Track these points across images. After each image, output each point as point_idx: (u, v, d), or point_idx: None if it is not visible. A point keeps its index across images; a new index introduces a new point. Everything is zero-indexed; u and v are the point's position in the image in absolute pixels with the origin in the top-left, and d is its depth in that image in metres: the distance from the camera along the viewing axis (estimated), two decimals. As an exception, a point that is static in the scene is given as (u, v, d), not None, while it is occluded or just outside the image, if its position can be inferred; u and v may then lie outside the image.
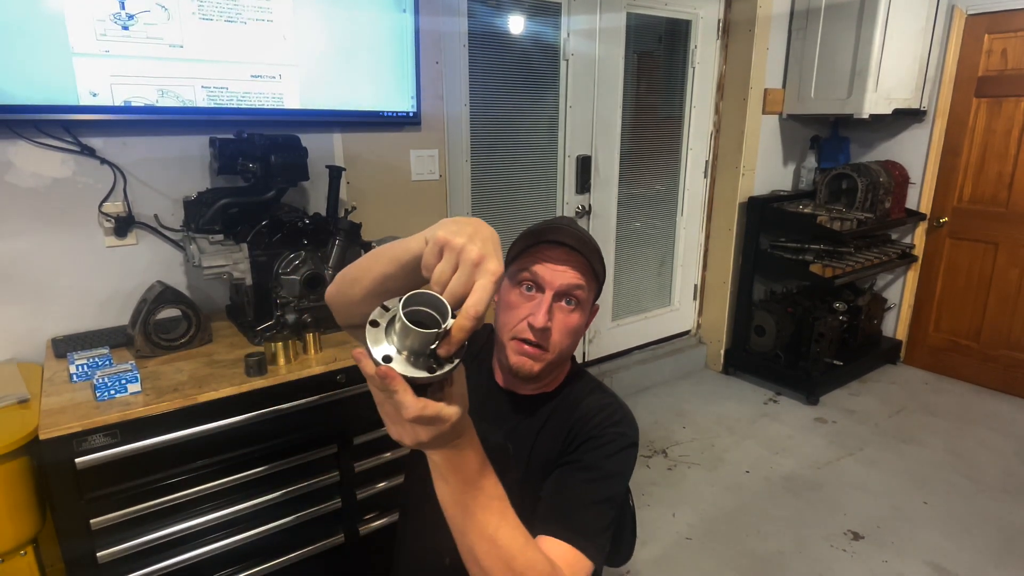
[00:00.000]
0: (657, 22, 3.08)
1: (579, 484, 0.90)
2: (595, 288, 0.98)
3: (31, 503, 1.31)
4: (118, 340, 1.61)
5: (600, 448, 0.93)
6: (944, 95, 3.31)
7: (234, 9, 1.71)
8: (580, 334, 0.98)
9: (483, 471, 0.72)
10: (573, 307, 0.94)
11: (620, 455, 0.94)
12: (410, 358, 0.59)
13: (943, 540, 2.21)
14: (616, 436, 0.94)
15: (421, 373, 0.58)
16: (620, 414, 0.98)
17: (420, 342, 0.58)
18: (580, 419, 0.96)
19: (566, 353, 0.97)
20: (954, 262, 3.46)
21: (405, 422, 0.62)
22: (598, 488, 0.90)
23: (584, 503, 0.88)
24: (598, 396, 1.01)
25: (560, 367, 1.02)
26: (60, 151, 1.63)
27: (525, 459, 0.99)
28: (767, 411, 3.16)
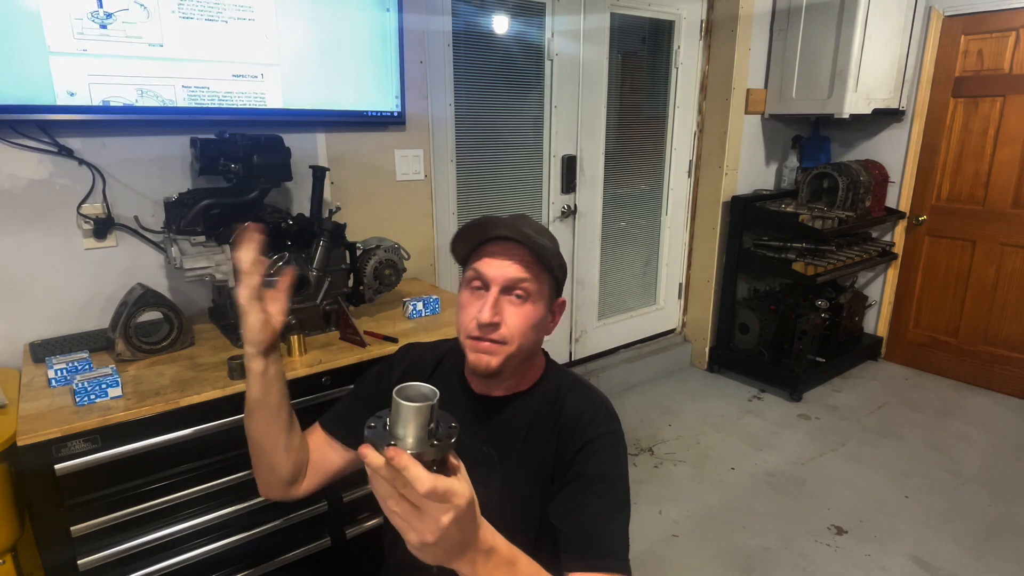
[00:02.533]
0: (641, 23, 3.09)
1: (590, 503, 0.89)
2: (547, 279, 0.96)
3: (9, 511, 1.28)
4: (98, 344, 1.59)
5: (596, 454, 0.92)
6: (922, 95, 3.36)
7: (215, 8, 1.69)
8: (539, 327, 0.96)
9: (512, 557, 0.72)
10: (523, 299, 0.93)
11: (616, 454, 0.94)
12: (411, 443, 0.61)
13: (925, 533, 2.25)
14: (607, 436, 0.94)
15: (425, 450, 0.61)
16: (604, 410, 0.98)
17: (418, 420, 0.61)
18: (568, 421, 0.96)
19: (527, 347, 0.95)
20: (933, 259, 3.51)
21: (426, 519, 0.61)
22: (608, 499, 0.90)
23: (601, 523, 0.88)
24: (579, 392, 1.00)
25: (527, 363, 1.00)
26: (37, 152, 1.60)
27: (512, 463, 0.98)
28: (751, 408, 3.19)
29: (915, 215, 3.52)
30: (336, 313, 1.73)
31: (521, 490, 0.96)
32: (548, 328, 0.99)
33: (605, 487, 0.91)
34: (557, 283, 0.98)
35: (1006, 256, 3.24)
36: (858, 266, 3.36)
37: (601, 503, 0.90)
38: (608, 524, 0.88)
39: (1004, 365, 3.32)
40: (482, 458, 0.99)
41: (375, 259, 1.80)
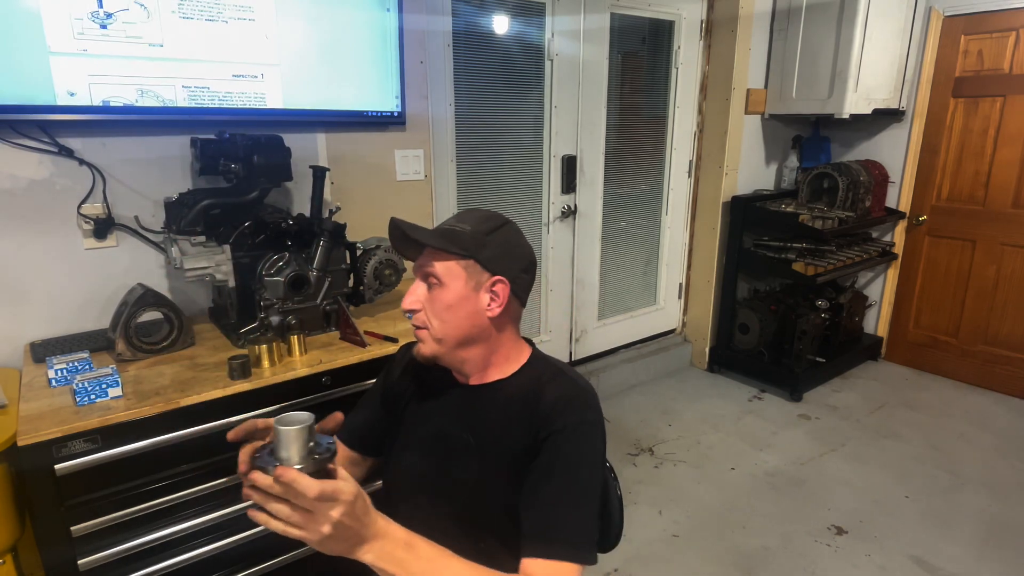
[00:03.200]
0: (641, 23, 3.09)
1: (551, 492, 0.91)
2: (454, 260, 0.96)
3: (10, 511, 1.29)
4: (98, 344, 1.59)
5: (565, 443, 0.93)
6: (922, 95, 3.36)
7: (215, 8, 1.69)
8: (458, 309, 0.97)
9: (410, 540, 0.80)
10: (435, 284, 0.98)
11: (585, 444, 0.94)
12: (295, 460, 0.71)
13: (925, 533, 2.25)
14: (578, 426, 0.94)
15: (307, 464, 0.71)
16: (580, 399, 0.97)
17: (298, 441, 0.71)
18: (544, 412, 0.96)
19: (452, 330, 0.98)
20: (933, 259, 3.51)
21: (319, 517, 0.70)
22: (572, 489, 0.91)
23: (560, 511, 0.89)
24: (559, 382, 1.00)
25: (482, 350, 1.01)
26: (37, 152, 1.60)
27: (489, 450, 1.00)
28: (752, 408, 3.19)
29: (915, 215, 3.52)
30: (336, 313, 1.73)
31: (497, 477, 0.98)
32: (480, 310, 0.98)
33: (570, 476, 0.91)
34: (478, 262, 0.97)
35: (1006, 256, 3.24)
36: (858, 266, 3.36)
37: (562, 492, 0.90)
38: (568, 513, 0.89)
39: (1004, 365, 3.32)
40: (461, 445, 1.02)
41: (375, 259, 1.80)
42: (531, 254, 1.04)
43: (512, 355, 1.05)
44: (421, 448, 1.06)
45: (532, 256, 1.04)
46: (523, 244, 1.04)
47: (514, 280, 1.00)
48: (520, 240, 1.04)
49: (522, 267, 1.02)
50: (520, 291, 1.02)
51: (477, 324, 0.99)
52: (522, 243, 1.03)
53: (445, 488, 1.02)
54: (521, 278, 1.01)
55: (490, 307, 0.98)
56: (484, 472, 0.99)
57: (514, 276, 1.00)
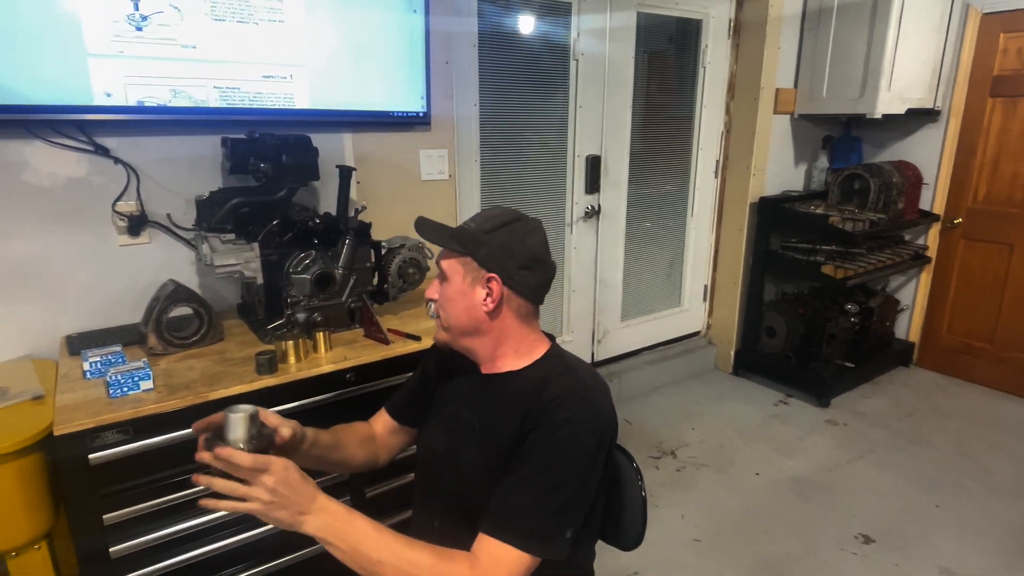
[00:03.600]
0: (668, 22, 3.07)
1: (523, 478, 0.93)
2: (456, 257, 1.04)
3: (45, 499, 1.33)
4: (131, 338, 1.63)
5: (544, 437, 0.94)
6: (958, 95, 3.27)
7: (246, 10, 1.72)
8: (459, 302, 1.04)
9: (350, 516, 0.89)
10: (444, 279, 1.06)
11: (570, 440, 0.94)
12: (233, 441, 0.87)
13: (955, 544, 2.19)
14: (563, 423, 0.95)
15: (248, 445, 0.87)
16: (575, 398, 0.97)
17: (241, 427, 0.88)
18: (539, 405, 0.98)
19: (455, 321, 1.05)
20: (968, 263, 3.42)
21: (256, 486, 0.84)
22: (543, 478, 0.92)
23: (524, 497, 0.92)
24: (565, 380, 1.01)
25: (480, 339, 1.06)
26: (75, 151, 1.65)
27: (488, 437, 1.04)
28: (777, 413, 3.15)
29: (950, 218, 3.43)
30: (361, 311, 1.75)
31: (491, 463, 1.01)
32: (476, 304, 1.03)
33: (545, 468, 0.93)
34: (475, 259, 1.02)
35: (1046, 261, 3.14)
36: (889, 269, 3.28)
37: (533, 480, 0.92)
38: (532, 501, 0.91)
39: (1042, 373, 3.22)
40: (466, 428, 1.08)
41: (399, 258, 1.82)
42: (535, 251, 1.04)
43: (524, 349, 1.07)
44: (438, 427, 1.14)
45: (537, 253, 1.05)
46: (527, 242, 1.04)
47: (510, 277, 1.02)
48: (525, 238, 1.04)
49: (521, 264, 1.03)
50: (520, 287, 1.03)
51: (474, 317, 1.04)
52: (526, 241, 1.04)
53: (447, 467, 1.09)
54: (520, 275, 1.03)
55: (485, 302, 1.02)
56: (480, 458, 1.03)
57: (510, 273, 1.02)
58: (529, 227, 1.05)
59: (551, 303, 3.03)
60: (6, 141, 1.56)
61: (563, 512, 0.93)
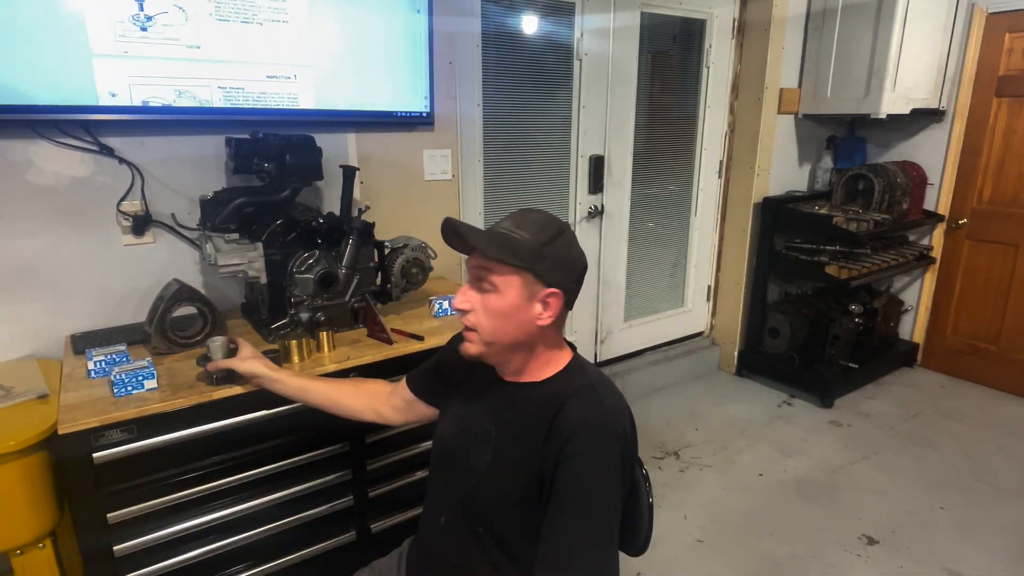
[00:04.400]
0: (671, 21, 3.06)
1: (566, 523, 0.92)
2: (511, 269, 0.98)
3: (49, 497, 1.33)
4: (135, 337, 1.64)
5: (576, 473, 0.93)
6: (963, 94, 3.26)
7: (250, 10, 1.73)
8: (510, 317, 0.99)
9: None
10: (490, 291, 1.00)
11: (595, 475, 0.94)
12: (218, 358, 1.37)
13: (960, 546, 2.18)
14: (590, 455, 0.94)
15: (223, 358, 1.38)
16: (595, 424, 0.96)
17: (221, 349, 1.37)
18: (559, 429, 0.96)
19: (499, 335, 1.01)
20: (973, 264, 3.41)
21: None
22: (583, 521, 0.92)
23: (572, 545, 0.91)
24: (584, 398, 0.99)
25: (524, 353, 1.04)
26: (80, 151, 1.65)
27: (504, 445, 1.03)
28: (781, 413, 3.14)
29: (955, 218, 3.42)
30: (364, 310, 1.75)
31: (505, 472, 1.01)
32: (532, 319, 1.00)
33: (582, 509, 0.92)
34: (535, 274, 0.98)
35: (1051, 261, 3.12)
36: (894, 270, 3.27)
37: (576, 525, 0.92)
38: (582, 549, 0.91)
39: (1048, 374, 3.20)
40: (482, 433, 1.08)
41: (403, 258, 1.82)
42: (584, 262, 1.05)
43: (551, 359, 1.06)
44: (454, 426, 1.13)
45: (585, 264, 1.05)
46: (577, 253, 1.04)
47: (567, 291, 1.01)
48: (575, 249, 1.04)
49: (575, 277, 1.03)
50: (572, 299, 1.03)
51: (527, 332, 1.01)
52: (576, 252, 1.04)
53: (460, 469, 1.08)
54: (573, 288, 1.03)
55: (542, 316, 1.00)
56: (494, 465, 1.03)
57: (568, 287, 1.01)
58: (573, 236, 1.05)
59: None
60: (11, 141, 1.56)
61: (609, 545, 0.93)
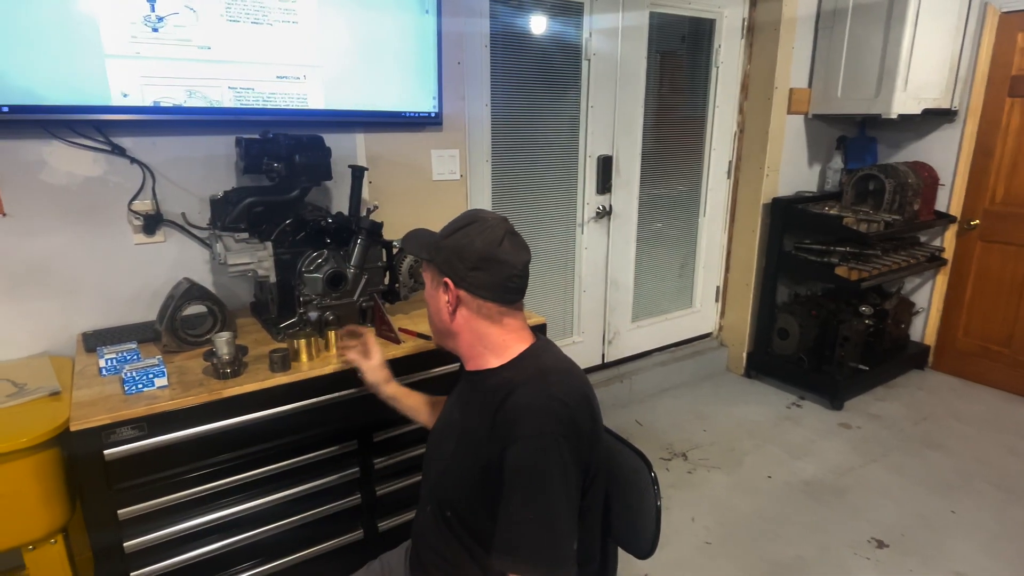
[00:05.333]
0: (680, 21, 3.05)
1: (514, 509, 0.95)
2: (424, 263, 1.12)
3: (61, 493, 1.35)
4: (146, 335, 1.65)
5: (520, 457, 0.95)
6: (976, 95, 3.23)
7: (260, 11, 1.74)
8: (431, 307, 1.13)
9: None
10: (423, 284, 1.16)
11: (542, 456, 0.95)
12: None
13: (971, 550, 2.16)
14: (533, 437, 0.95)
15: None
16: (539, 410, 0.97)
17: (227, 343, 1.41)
18: (503, 417, 0.99)
19: (434, 326, 1.15)
20: (985, 265, 3.37)
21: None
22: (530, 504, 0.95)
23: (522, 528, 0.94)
24: (529, 389, 1.00)
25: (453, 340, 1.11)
26: (92, 151, 1.67)
27: (463, 432, 1.10)
28: (790, 415, 3.12)
29: (966, 219, 3.38)
30: (372, 309, 1.76)
31: (464, 458, 1.07)
32: (440, 307, 1.10)
33: (529, 493, 0.95)
34: (435, 265, 1.09)
35: (1065, 263, 3.09)
36: (905, 271, 3.25)
37: (523, 508, 0.95)
38: (525, 531, 0.94)
39: (1061, 377, 3.16)
40: (451, 421, 1.16)
41: (410, 257, 1.83)
42: (485, 250, 1.04)
43: (499, 348, 1.09)
44: (440, 417, 1.24)
45: (487, 252, 1.04)
46: (476, 243, 1.04)
47: (462, 279, 1.05)
48: (475, 239, 1.04)
49: (470, 265, 1.04)
50: (475, 288, 1.05)
51: (442, 319, 1.10)
52: (475, 242, 1.04)
53: (434, 457, 1.18)
54: (472, 276, 1.04)
55: (447, 305, 1.08)
56: (456, 452, 1.09)
57: (461, 275, 1.05)
58: (484, 227, 1.06)
59: (561, 303, 3.03)
60: (25, 141, 1.58)
61: (558, 528, 0.94)
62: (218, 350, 1.40)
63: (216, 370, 1.40)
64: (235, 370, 1.42)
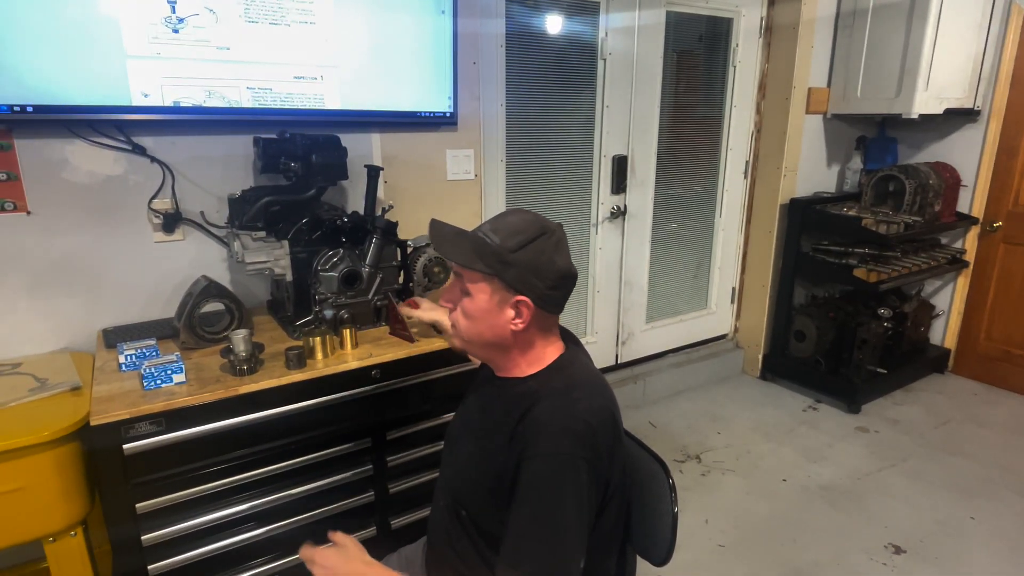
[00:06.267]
0: (697, 20, 3.03)
1: (522, 522, 0.93)
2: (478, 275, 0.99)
3: (81, 486, 1.37)
4: (165, 332, 1.67)
5: (535, 472, 0.93)
6: (1000, 94, 3.17)
7: (278, 12, 1.76)
8: (481, 320, 1.01)
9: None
10: (466, 294, 1.02)
11: (556, 476, 0.93)
12: None
13: (991, 557, 2.12)
14: (549, 456, 0.93)
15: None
16: (559, 428, 0.95)
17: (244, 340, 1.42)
18: (523, 429, 0.97)
19: (474, 335, 1.04)
20: (1008, 268, 3.31)
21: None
22: (538, 520, 0.92)
23: (528, 543, 0.92)
24: (552, 402, 0.98)
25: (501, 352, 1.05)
26: (113, 150, 1.70)
27: (481, 438, 1.08)
28: (806, 419, 3.09)
29: (989, 221, 3.32)
30: (387, 308, 1.77)
31: (479, 462, 1.05)
32: (504, 324, 1.01)
33: (538, 509, 0.93)
34: (503, 280, 0.98)
35: (1091, 266, 3.02)
36: (925, 274, 3.20)
37: (530, 523, 0.93)
38: (534, 546, 0.92)
39: (1086, 383, 3.10)
40: (470, 422, 1.14)
41: (425, 257, 1.83)
42: (563, 268, 1.01)
43: (537, 357, 1.06)
44: (457, 415, 1.20)
45: (565, 270, 1.01)
46: (554, 259, 1.00)
47: (540, 298, 1.00)
48: (552, 255, 1.00)
49: (550, 285, 1.00)
50: (549, 305, 1.02)
51: (500, 335, 1.02)
52: (554, 259, 1.00)
53: (451, 455, 1.17)
54: (549, 295, 1.00)
55: (514, 322, 1.00)
56: (472, 455, 1.07)
57: (540, 294, 0.99)
58: (554, 240, 1.01)
59: (575, 304, 3.02)
60: (49, 140, 1.61)
61: (564, 547, 0.92)
62: (235, 347, 1.41)
63: (233, 367, 1.42)
64: (251, 367, 1.43)
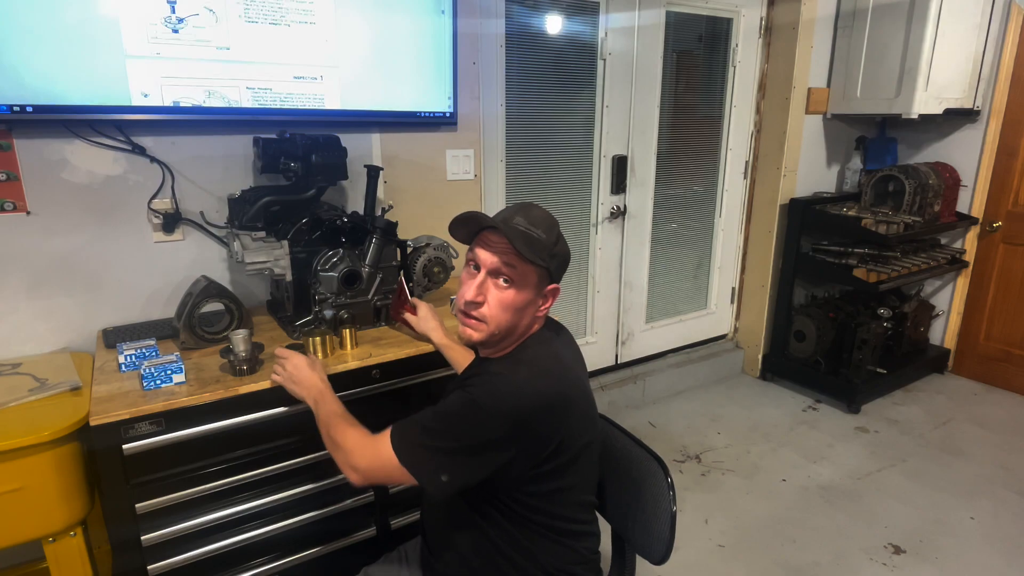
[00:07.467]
0: (697, 20, 3.03)
1: (425, 412, 1.06)
2: (533, 268, 1.04)
3: (81, 486, 1.37)
4: (164, 332, 1.67)
5: (458, 397, 1.03)
6: (999, 94, 3.17)
7: (278, 12, 1.76)
8: (520, 311, 1.07)
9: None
10: (507, 284, 1.05)
11: (457, 403, 1.03)
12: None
13: (991, 558, 2.12)
14: (467, 390, 1.03)
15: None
16: (487, 382, 1.03)
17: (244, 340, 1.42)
18: (474, 376, 1.09)
19: (505, 326, 1.07)
20: (1008, 268, 3.31)
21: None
22: (431, 418, 1.04)
23: (419, 421, 1.04)
24: (500, 365, 1.08)
25: (509, 337, 1.10)
26: (113, 150, 1.70)
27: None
28: (806, 419, 3.09)
29: (989, 221, 3.33)
30: (386, 308, 1.77)
31: None
32: (534, 311, 1.10)
33: (436, 414, 1.04)
34: (549, 272, 1.07)
35: (1091, 266, 3.02)
36: (925, 274, 3.20)
37: (427, 417, 1.04)
38: (421, 432, 1.03)
39: (1086, 383, 3.10)
40: None
41: (425, 257, 1.83)
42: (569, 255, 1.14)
43: (515, 339, 1.13)
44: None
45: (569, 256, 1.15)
46: (567, 249, 1.13)
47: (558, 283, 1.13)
48: (567, 246, 1.13)
49: (565, 271, 1.13)
50: None
51: (527, 323, 1.10)
52: (567, 248, 1.13)
53: None
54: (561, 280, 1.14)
55: (542, 309, 1.11)
56: None
57: (559, 281, 1.12)
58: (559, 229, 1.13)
59: (575, 304, 3.02)
60: (48, 140, 1.61)
61: (439, 454, 1.01)
62: (235, 347, 1.42)
63: (233, 367, 1.42)
64: (251, 367, 1.43)
